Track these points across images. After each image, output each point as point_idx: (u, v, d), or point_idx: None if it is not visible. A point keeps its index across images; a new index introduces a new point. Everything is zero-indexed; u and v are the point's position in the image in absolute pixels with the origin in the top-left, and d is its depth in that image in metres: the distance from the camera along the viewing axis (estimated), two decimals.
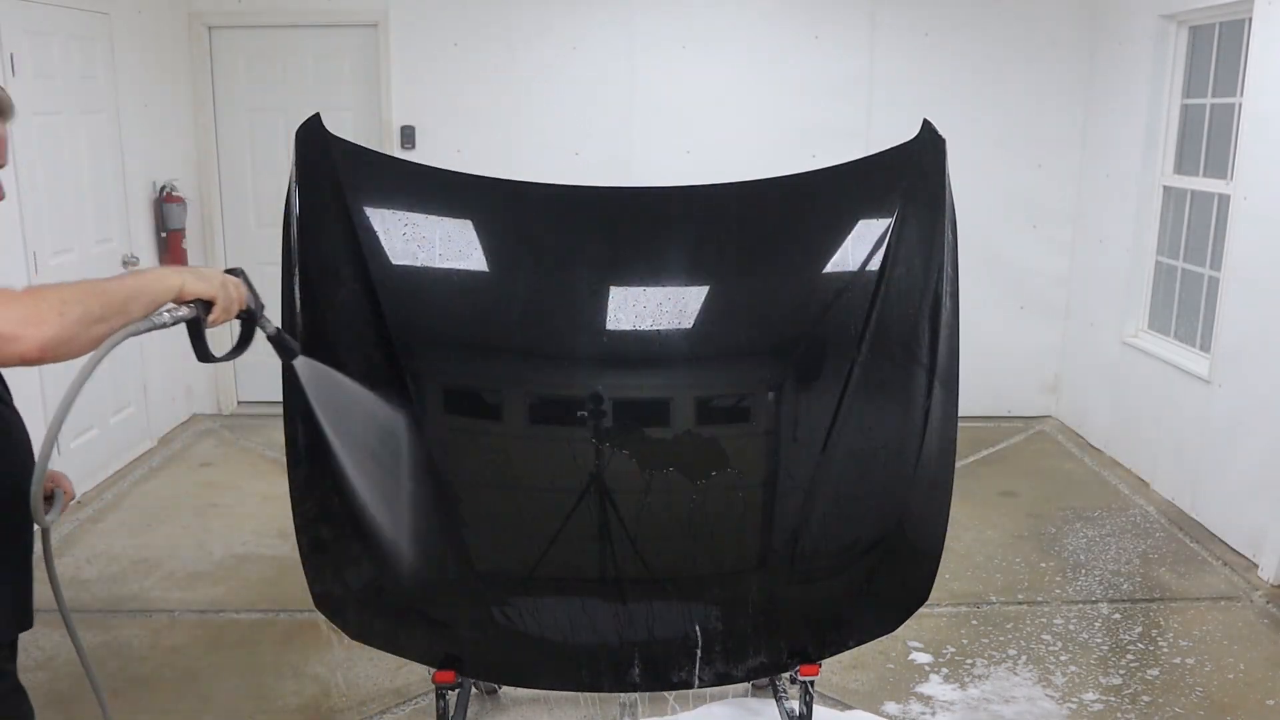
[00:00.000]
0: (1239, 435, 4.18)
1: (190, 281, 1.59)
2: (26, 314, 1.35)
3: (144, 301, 1.51)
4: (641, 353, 2.27)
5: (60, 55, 4.48)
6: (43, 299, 1.38)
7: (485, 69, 5.58)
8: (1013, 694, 3.18)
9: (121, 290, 1.49)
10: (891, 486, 2.31)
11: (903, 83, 5.54)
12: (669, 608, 2.37)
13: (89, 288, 1.45)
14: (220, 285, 1.63)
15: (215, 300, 1.63)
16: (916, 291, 2.24)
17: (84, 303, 1.42)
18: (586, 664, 2.41)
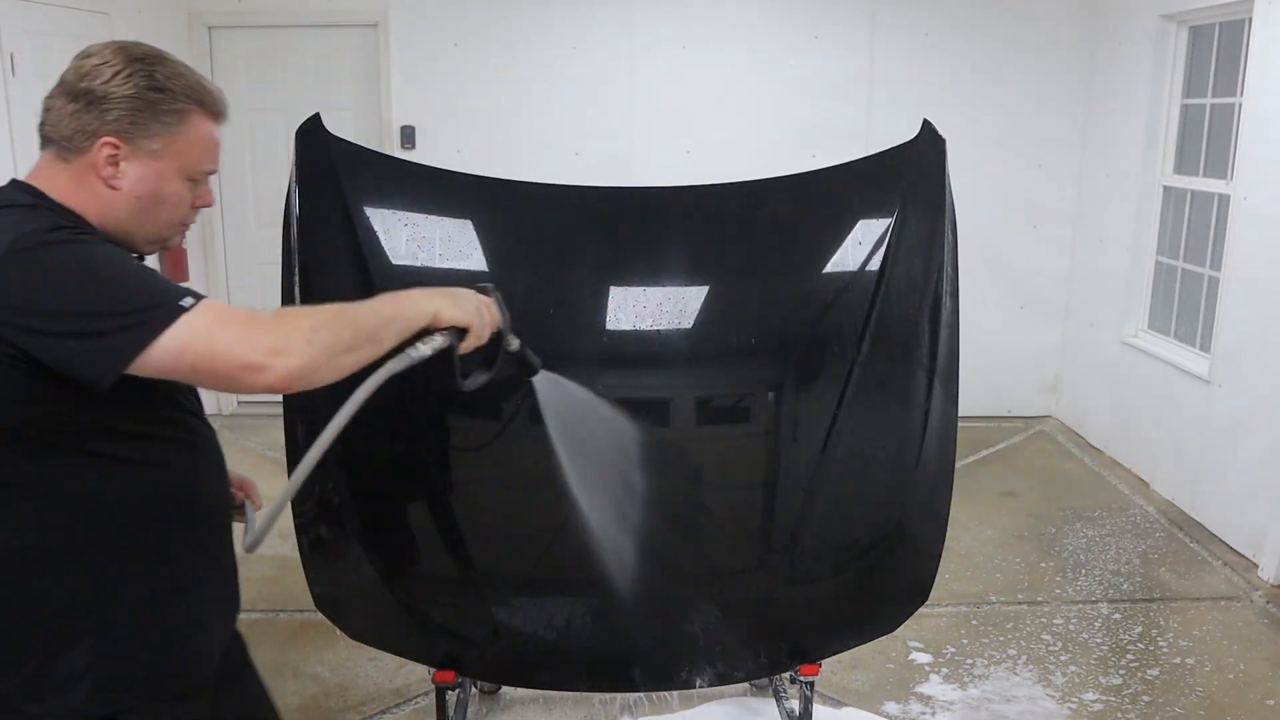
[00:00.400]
0: (1239, 435, 4.18)
1: (446, 308, 1.50)
2: (274, 343, 1.29)
3: (396, 329, 1.44)
4: (641, 353, 2.27)
5: (60, 55, 4.44)
6: (293, 326, 1.32)
7: (485, 69, 5.58)
8: (1013, 694, 3.18)
9: (373, 318, 1.42)
10: (891, 486, 2.31)
11: (903, 83, 5.54)
12: (670, 607, 2.37)
13: (340, 314, 1.39)
14: (475, 311, 1.55)
15: (470, 328, 1.54)
16: (916, 291, 2.24)
17: (334, 330, 1.35)
18: (586, 664, 2.41)
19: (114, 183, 1.40)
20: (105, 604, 1.41)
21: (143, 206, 1.43)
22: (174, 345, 1.26)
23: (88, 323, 1.26)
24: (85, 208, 1.40)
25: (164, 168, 1.42)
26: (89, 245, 1.33)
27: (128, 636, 1.43)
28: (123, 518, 1.41)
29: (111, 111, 1.38)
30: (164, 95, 1.40)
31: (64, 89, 1.41)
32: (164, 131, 1.41)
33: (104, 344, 1.26)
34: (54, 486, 1.36)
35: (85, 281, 1.29)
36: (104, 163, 1.39)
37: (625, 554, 2.10)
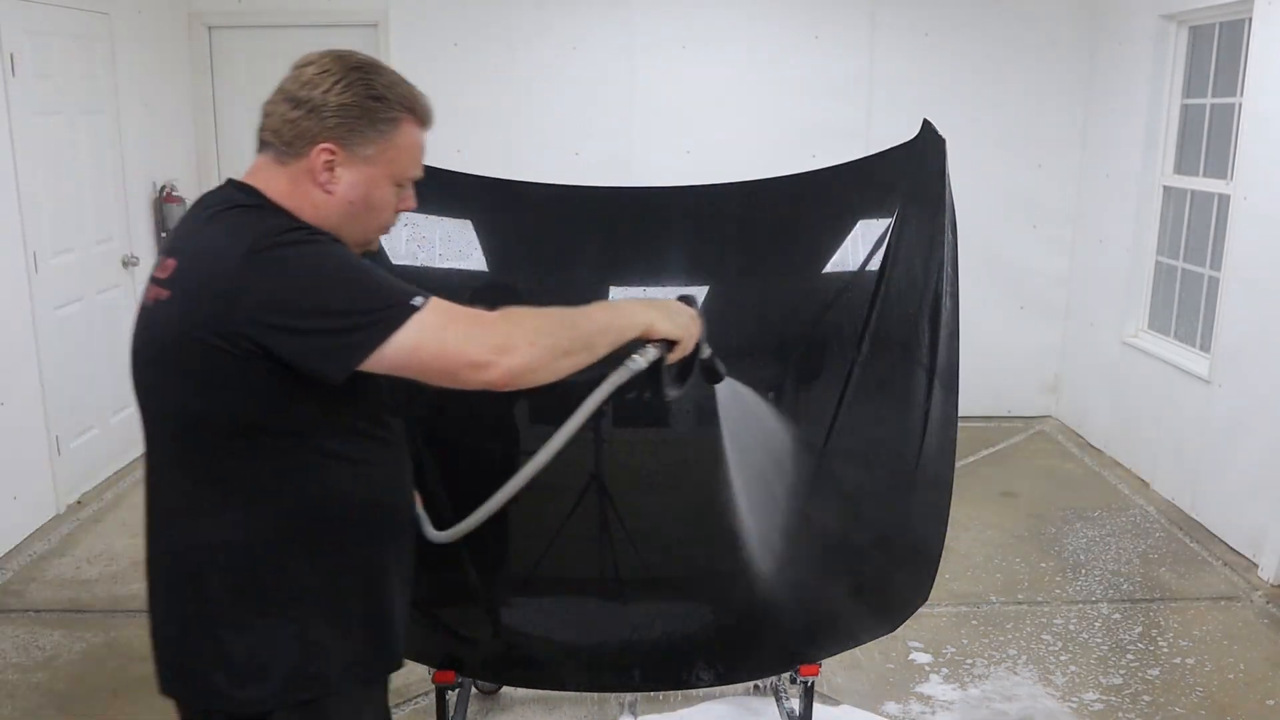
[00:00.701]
0: (1239, 435, 4.18)
1: (659, 321, 1.55)
2: (501, 342, 1.35)
3: (611, 339, 1.50)
4: None
5: (60, 55, 4.48)
6: (518, 326, 1.39)
7: (485, 69, 5.58)
8: (1014, 693, 3.18)
9: (591, 325, 1.48)
10: (891, 487, 2.31)
11: (903, 83, 5.54)
12: (669, 607, 2.37)
13: (561, 319, 1.45)
14: (685, 326, 1.59)
15: (680, 340, 1.58)
16: (916, 291, 2.24)
17: (555, 334, 1.41)
18: (586, 664, 2.41)
19: (329, 187, 1.45)
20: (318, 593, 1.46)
21: (354, 211, 1.47)
22: (408, 343, 1.32)
23: (328, 320, 1.31)
24: (301, 210, 1.44)
25: (376, 173, 1.47)
26: (325, 245, 1.39)
27: (334, 624, 1.48)
28: (340, 511, 1.47)
29: (330, 119, 1.43)
30: (380, 104, 1.45)
31: (284, 96, 1.46)
32: (379, 139, 1.45)
33: (342, 340, 1.32)
34: (284, 480, 1.42)
35: (325, 280, 1.34)
36: (321, 168, 1.44)
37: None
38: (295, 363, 1.32)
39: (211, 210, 1.43)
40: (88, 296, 4.69)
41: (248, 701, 1.45)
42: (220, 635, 1.44)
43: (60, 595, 3.76)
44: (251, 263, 1.32)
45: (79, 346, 4.59)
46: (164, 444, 1.45)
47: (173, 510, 1.46)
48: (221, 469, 1.40)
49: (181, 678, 1.51)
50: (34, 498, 4.30)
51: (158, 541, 1.50)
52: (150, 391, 1.44)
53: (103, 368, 4.81)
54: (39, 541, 4.19)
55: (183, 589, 1.47)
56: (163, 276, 1.40)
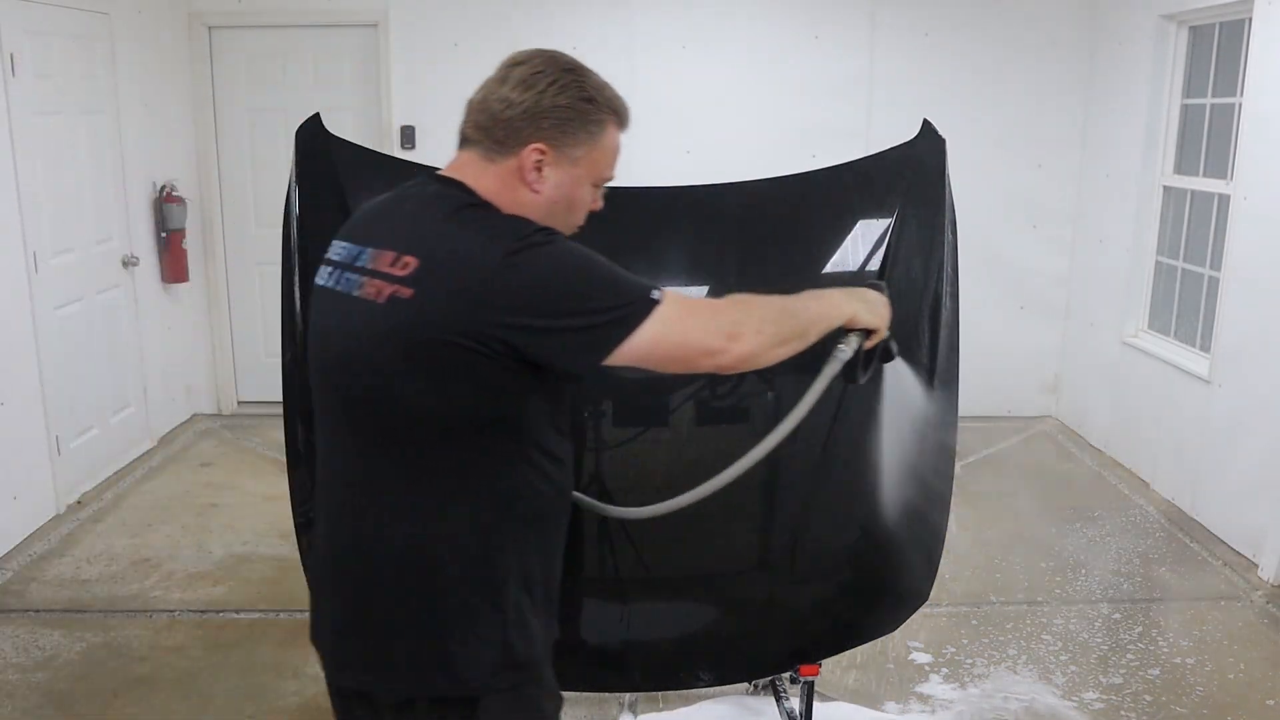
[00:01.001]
0: (1239, 435, 4.18)
1: (862, 312, 1.63)
2: (732, 329, 1.42)
3: (821, 329, 1.56)
4: None
5: (60, 55, 4.48)
6: (747, 313, 1.45)
7: (485, 69, 5.50)
8: (1014, 691, 3.18)
9: (807, 315, 1.54)
10: (892, 486, 2.31)
11: (903, 83, 5.54)
12: (669, 608, 2.37)
13: (781, 308, 1.51)
14: (884, 316, 1.67)
15: (878, 330, 1.66)
16: (916, 291, 2.24)
17: (778, 324, 1.48)
18: (587, 663, 2.41)
19: (536, 186, 1.47)
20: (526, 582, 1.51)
21: (555, 210, 1.50)
22: (651, 334, 1.37)
23: (580, 318, 1.36)
24: (505, 208, 1.46)
25: (580, 174, 1.50)
26: (568, 244, 1.42)
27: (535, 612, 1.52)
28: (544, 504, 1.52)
29: (547, 119, 1.45)
30: (592, 106, 1.48)
31: (495, 94, 1.49)
32: (587, 140, 1.49)
33: (594, 336, 1.37)
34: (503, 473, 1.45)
35: (575, 279, 1.38)
36: (531, 167, 1.46)
37: None
38: (546, 361, 1.38)
39: (444, 209, 1.45)
40: (88, 296, 4.69)
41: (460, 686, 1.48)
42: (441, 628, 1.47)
43: (60, 595, 3.76)
44: (506, 265, 1.35)
45: (79, 346, 4.59)
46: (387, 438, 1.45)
47: (387, 502, 1.47)
48: (447, 461, 1.43)
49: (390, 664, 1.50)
50: (34, 498, 4.30)
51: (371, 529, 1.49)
52: (377, 386, 1.42)
53: (103, 368, 4.81)
54: (39, 541, 4.19)
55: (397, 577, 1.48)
56: (401, 274, 1.39)
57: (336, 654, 1.56)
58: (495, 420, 1.42)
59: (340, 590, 1.55)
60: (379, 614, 1.50)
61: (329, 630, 1.57)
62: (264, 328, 5.78)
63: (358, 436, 1.49)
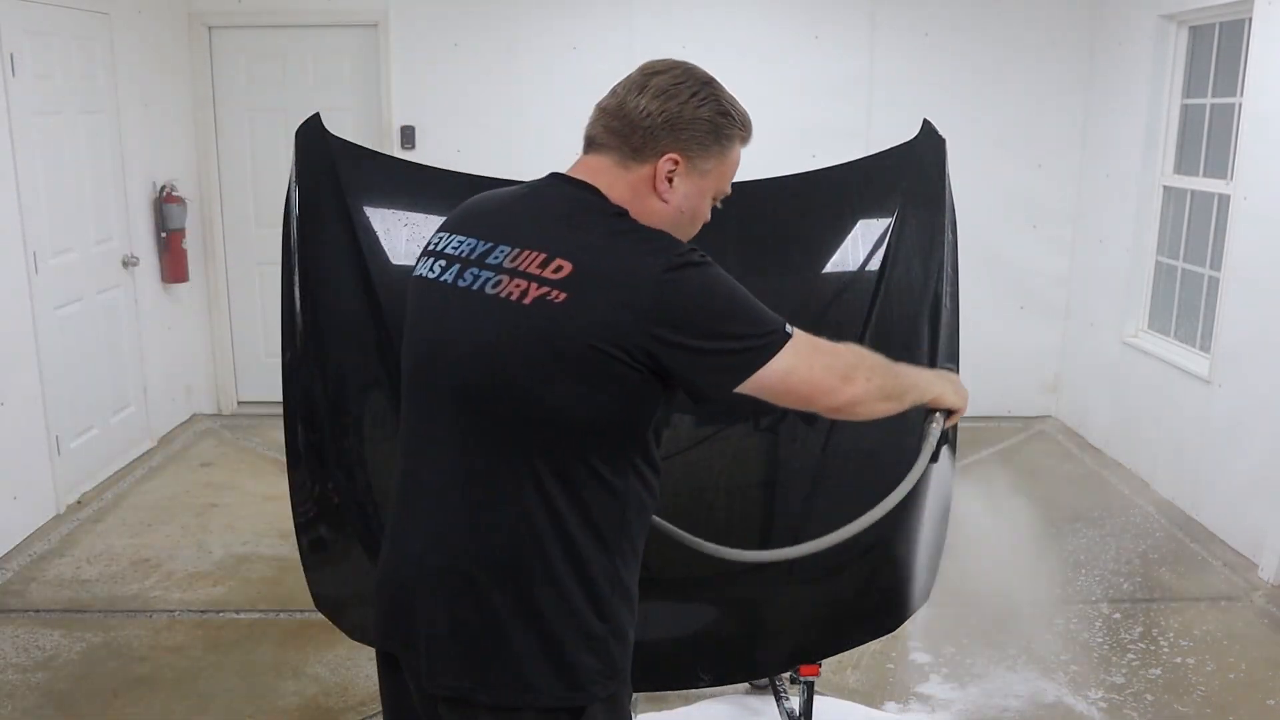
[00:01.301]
0: (1239, 435, 4.18)
1: (949, 394, 1.69)
2: (847, 372, 1.47)
3: (915, 397, 1.62)
4: None
5: (60, 55, 4.48)
6: (861, 362, 1.50)
7: (485, 69, 5.58)
8: (1015, 690, 3.18)
9: (907, 380, 1.60)
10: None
11: (903, 83, 5.54)
12: (669, 607, 2.37)
13: (888, 365, 1.56)
14: (966, 398, 1.73)
15: (959, 411, 1.72)
16: (916, 291, 2.24)
17: (885, 378, 1.53)
18: None
19: (666, 196, 1.49)
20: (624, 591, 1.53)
21: (679, 221, 1.52)
22: (783, 366, 1.41)
23: (724, 342, 1.39)
24: (634, 215, 1.48)
25: (706, 186, 1.52)
26: (719, 269, 1.43)
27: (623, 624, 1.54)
28: (642, 514, 1.53)
29: (685, 131, 1.47)
30: (727, 120, 1.50)
31: (634, 102, 1.48)
32: (719, 153, 1.51)
33: (734, 360, 1.40)
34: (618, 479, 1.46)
35: (725, 303, 1.41)
36: (663, 177, 1.47)
37: None
38: (684, 378, 1.40)
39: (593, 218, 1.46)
40: (88, 296, 4.69)
41: (571, 695, 1.48)
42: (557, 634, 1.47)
43: (60, 595, 3.76)
44: (665, 281, 1.37)
45: (79, 346, 4.59)
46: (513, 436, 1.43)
47: (516, 501, 1.44)
48: (567, 465, 1.43)
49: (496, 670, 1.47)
50: (34, 498, 4.30)
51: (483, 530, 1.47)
52: (510, 383, 1.42)
53: (103, 368, 4.81)
54: (39, 541, 4.19)
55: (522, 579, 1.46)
56: (556, 277, 1.39)
57: (432, 660, 1.51)
58: (620, 427, 1.44)
59: (438, 593, 1.50)
60: (485, 620, 1.47)
61: (422, 636, 1.51)
62: (264, 328, 5.78)
63: (469, 435, 1.46)
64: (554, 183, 1.54)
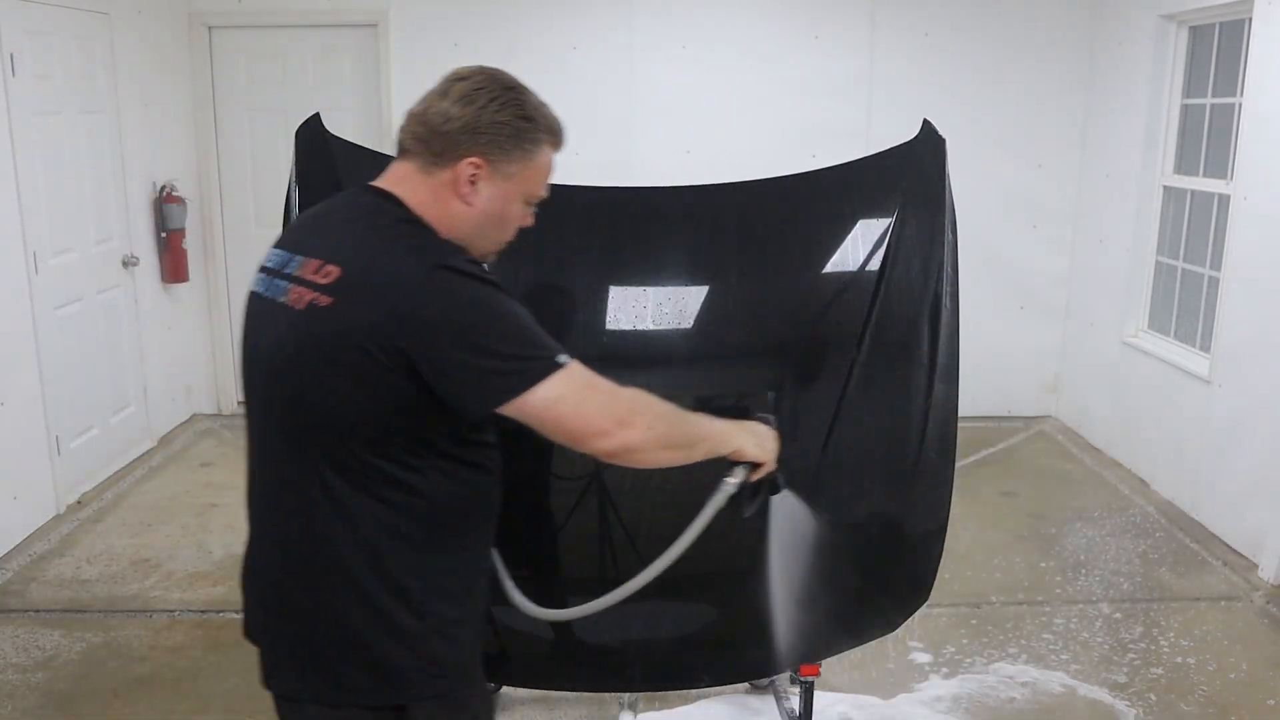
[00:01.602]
0: (1239, 435, 4.18)
1: (750, 446, 1.66)
2: (624, 416, 1.44)
3: (706, 449, 1.60)
4: (641, 353, 2.27)
5: (60, 55, 4.48)
6: (643, 408, 1.48)
7: None
8: (1018, 687, 3.18)
9: (698, 431, 1.58)
10: (891, 486, 2.31)
11: (903, 83, 5.54)
12: (669, 607, 2.37)
13: (677, 415, 1.54)
14: (771, 451, 1.70)
15: (764, 465, 1.69)
16: (916, 291, 2.24)
17: (670, 427, 1.51)
18: (586, 663, 2.41)
19: (469, 200, 1.50)
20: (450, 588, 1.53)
21: (486, 224, 1.53)
22: (550, 395, 1.39)
23: (484, 357, 1.38)
24: (438, 221, 1.50)
25: (512, 190, 1.53)
26: (493, 285, 1.44)
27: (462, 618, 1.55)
28: (465, 513, 1.53)
29: (485, 135, 1.48)
30: (530, 124, 1.52)
31: (436, 108, 1.50)
32: (522, 157, 1.52)
33: (492, 380, 1.39)
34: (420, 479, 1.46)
35: (491, 318, 1.40)
36: (465, 180, 1.49)
37: None
38: (439, 385, 1.38)
39: (374, 223, 1.48)
40: (88, 296, 4.69)
41: (388, 694, 1.50)
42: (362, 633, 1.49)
43: (60, 595, 3.76)
44: (426, 284, 1.38)
45: (79, 346, 4.59)
46: (303, 446, 1.47)
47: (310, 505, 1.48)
48: (364, 466, 1.44)
49: (314, 671, 1.53)
50: (34, 498, 4.30)
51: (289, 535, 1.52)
52: (293, 394, 1.46)
53: (103, 368, 4.81)
54: (39, 541, 4.19)
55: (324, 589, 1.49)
56: (324, 282, 1.42)
57: (266, 658, 1.58)
58: (406, 430, 1.43)
59: (265, 595, 1.58)
60: (298, 623, 1.53)
61: (261, 636, 1.59)
62: None
63: (279, 441, 1.51)
64: (359, 192, 1.56)
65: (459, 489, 1.50)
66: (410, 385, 1.38)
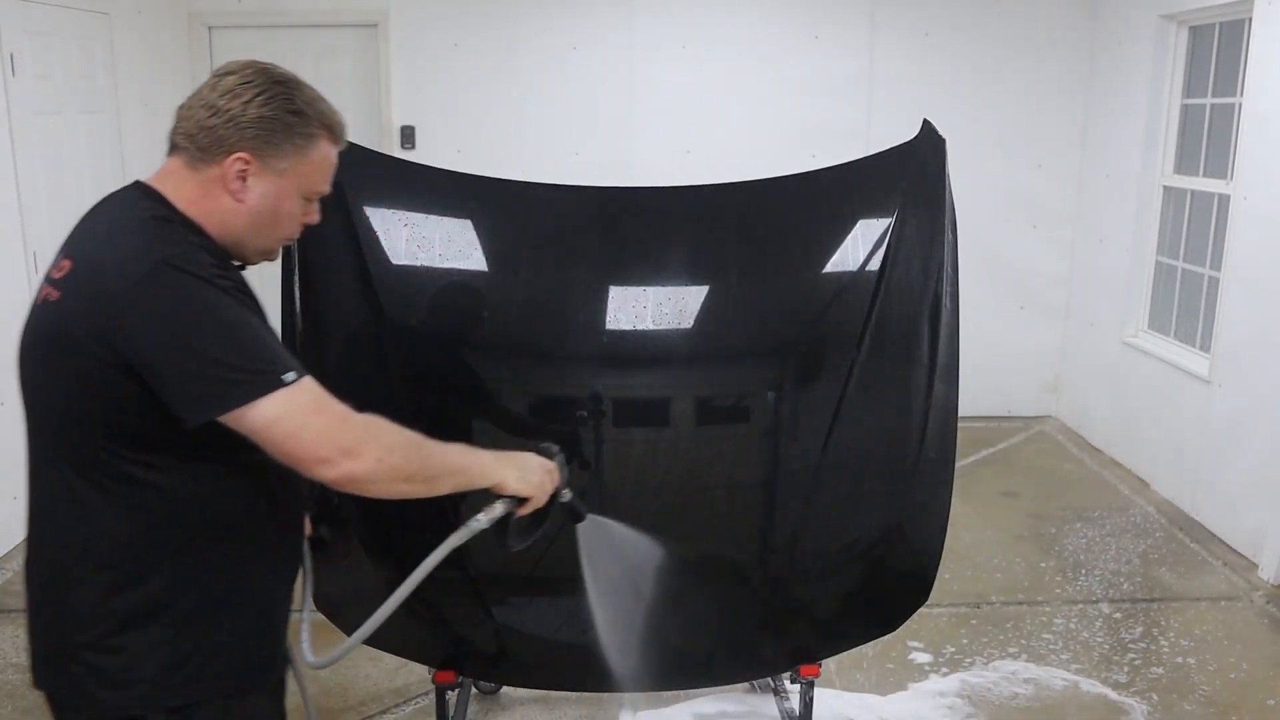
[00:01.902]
0: (1239, 435, 4.18)
1: (512, 480, 1.60)
2: (351, 446, 1.37)
3: (456, 482, 1.54)
4: (641, 353, 2.27)
5: (60, 55, 4.48)
6: (374, 439, 1.40)
7: (485, 69, 5.57)
8: (1019, 685, 3.18)
9: (443, 464, 1.51)
10: (891, 487, 2.31)
11: (903, 83, 5.54)
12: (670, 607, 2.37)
13: (418, 446, 1.47)
14: (538, 483, 1.63)
15: (531, 499, 1.63)
16: (916, 291, 2.24)
17: (406, 458, 1.44)
18: (586, 664, 2.41)
19: (239, 196, 1.46)
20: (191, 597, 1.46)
21: (261, 221, 1.49)
22: (270, 413, 1.33)
23: (201, 364, 1.33)
24: (207, 217, 1.46)
25: (286, 186, 1.49)
26: (222, 292, 1.38)
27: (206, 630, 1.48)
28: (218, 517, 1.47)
29: (249, 129, 1.44)
30: (299, 119, 1.47)
31: (203, 102, 1.46)
32: (294, 153, 1.48)
33: (208, 388, 1.33)
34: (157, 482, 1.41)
35: (214, 324, 1.34)
36: (233, 176, 1.45)
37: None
38: (157, 391, 1.34)
39: (117, 217, 1.44)
40: None
41: (115, 705, 1.45)
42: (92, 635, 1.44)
43: None
44: (149, 281, 1.33)
45: None
46: (45, 440, 1.46)
47: (51, 507, 1.47)
48: (98, 467, 1.40)
49: (53, 674, 1.52)
50: None
51: (37, 537, 1.51)
52: (34, 388, 1.46)
53: None
54: None
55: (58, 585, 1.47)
56: (57, 277, 1.41)
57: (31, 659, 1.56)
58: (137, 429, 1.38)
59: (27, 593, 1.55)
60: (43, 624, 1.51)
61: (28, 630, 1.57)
62: None
63: (32, 439, 1.49)
64: (124, 192, 1.52)
65: (204, 489, 1.44)
66: (131, 384, 1.34)
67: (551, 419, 2.33)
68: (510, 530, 1.65)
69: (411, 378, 2.19)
